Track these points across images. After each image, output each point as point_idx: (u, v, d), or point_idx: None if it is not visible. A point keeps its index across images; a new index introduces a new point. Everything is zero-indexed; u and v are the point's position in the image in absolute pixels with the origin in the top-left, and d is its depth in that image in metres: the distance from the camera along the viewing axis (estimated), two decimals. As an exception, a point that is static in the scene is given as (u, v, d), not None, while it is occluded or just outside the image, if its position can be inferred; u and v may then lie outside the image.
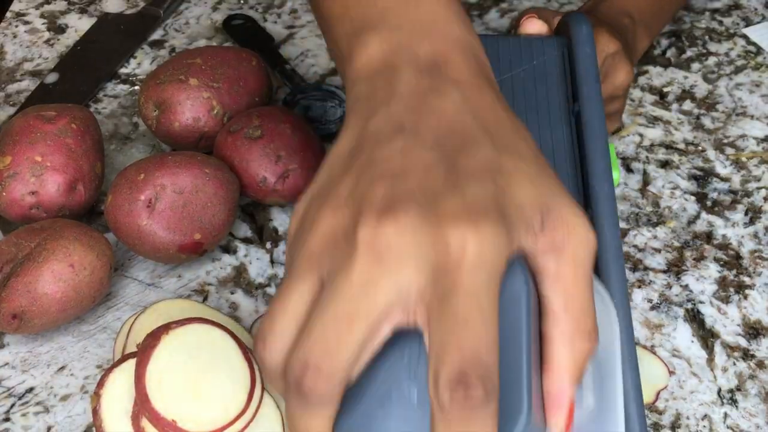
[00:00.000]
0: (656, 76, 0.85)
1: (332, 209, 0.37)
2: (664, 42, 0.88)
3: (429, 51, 0.42)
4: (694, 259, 0.69)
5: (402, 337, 0.36)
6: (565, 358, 0.37)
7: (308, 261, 0.36)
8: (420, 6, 0.44)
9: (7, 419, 0.59)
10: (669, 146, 0.78)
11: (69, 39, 0.89)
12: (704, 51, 0.87)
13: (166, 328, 0.55)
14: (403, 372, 0.36)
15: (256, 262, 0.69)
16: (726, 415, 0.60)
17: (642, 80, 0.84)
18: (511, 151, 0.39)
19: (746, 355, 0.63)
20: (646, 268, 0.69)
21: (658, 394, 0.61)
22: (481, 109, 0.40)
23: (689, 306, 0.66)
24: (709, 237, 0.71)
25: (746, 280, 0.68)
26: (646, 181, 0.75)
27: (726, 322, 0.65)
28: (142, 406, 0.53)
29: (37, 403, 0.60)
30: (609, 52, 0.69)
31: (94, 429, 0.55)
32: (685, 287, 0.67)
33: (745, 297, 0.67)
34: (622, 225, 0.72)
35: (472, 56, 0.43)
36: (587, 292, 0.37)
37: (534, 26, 0.60)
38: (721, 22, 0.91)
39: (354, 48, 0.44)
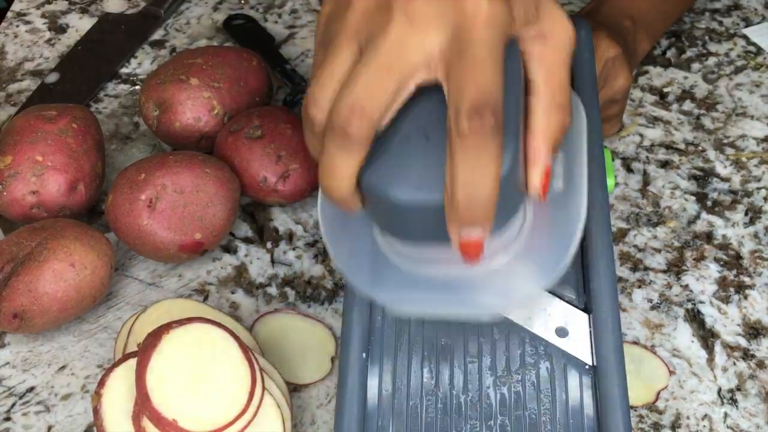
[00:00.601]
0: (656, 76, 0.85)
1: None
2: (664, 42, 0.88)
3: None
4: (694, 259, 0.69)
5: (416, 100, 0.42)
6: (543, 123, 0.43)
7: (348, 32, 0.42)
8: None
9: (8, 419, 0.60)
10: (669, 146, 0.78)
11: (70, 39, 0.89)
12: (704, 51, 0.88)
13: (166, 328, 0.55)
14: (418, 122, 0.42)
15: (257, 262, 0.69)
16: (726, 415, 0.60)
17: (642, 80, 0.84)
18: None
19: (746, 355, 0.63)
20: (646, 268, 0.69)
21: (658, 394, 0.61)
22: None
23: (689, 306, 0.66)
24: (709, 237, 0.71)
25: (746, 280, 0.68)
26: (646, 181, 0.75)
27: (726, 322, 0.65)
28: (142, 405, 0.53)
29: (38, 403, 0.60)
30: (609, 56, 0.69)
31: (94, 428, 0.55)
32: (685, 287, 0.67)
33: (745, 297, 0.67)
34: (623, 225, 0.72)
35: None
36: (564, 73, 0.44)
37: None
38: (721, 23, 0.91)
39: None
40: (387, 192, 0.41)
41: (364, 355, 0.50)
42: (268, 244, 0.70)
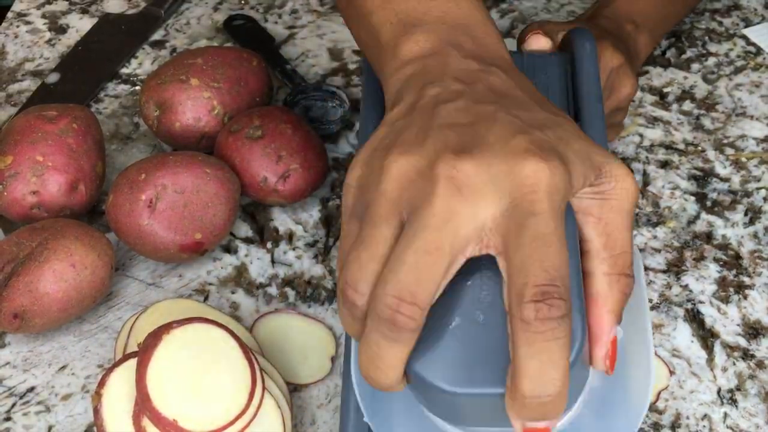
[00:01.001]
0: (656, 76, 0.85)
1: (402, 154, 0.39)
2: (664, 42, 0.88)
3: (471, 44, 0.47)
4: (694, 259, 0.69)
5: (464, 272, 0.38)
6: (606, 293, 0.40)
7: (386, 204, 0.39)
8: (459, 6, 0.49)
9: (8, 419, 0.60)
10: (669, 146, 0.78)
11: (70, 39, 0.89)
12: (704, 51, 0.88)
13: (167, 328, 0.55)
14: (468, 299, 0.39)
15: (257, 262, 0.69)
16: (726, 415, 0.60)
17: (642, 80, 0.84)
18: (558, 115, 0.43)
19: (746, 355, 0.64)
20: (646, 268, 0.69)
21: (658, 394, 0.61)
22: (524, 86, 0.45)
23: (689, 306, 0.66)
24: (709, 237, 0.71)
25: (746, 280, 0.68)
26: (646, 181, 0.75)
27: (726, 322, 0.65)
28: (143, 405, 0.53)
29: (39, 403, 0.60)
30: (613, 66, 0.69)
31: (95, 428, 0.55)
32: (685, 287, 0.67)
33: (745, 297, 0.67)
34: (622, 225, 0.72)
35: (506, 52, 0.48)
36: (627, 236, 0.40)
37: (538, 42, 0.61)
38: (720, 23, 0.91)
39: (400, 37, 0.47)
40: (438, 383, 0.38)
41: None
42: (268, 244, 0.70)
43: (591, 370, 0.41)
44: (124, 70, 0.86)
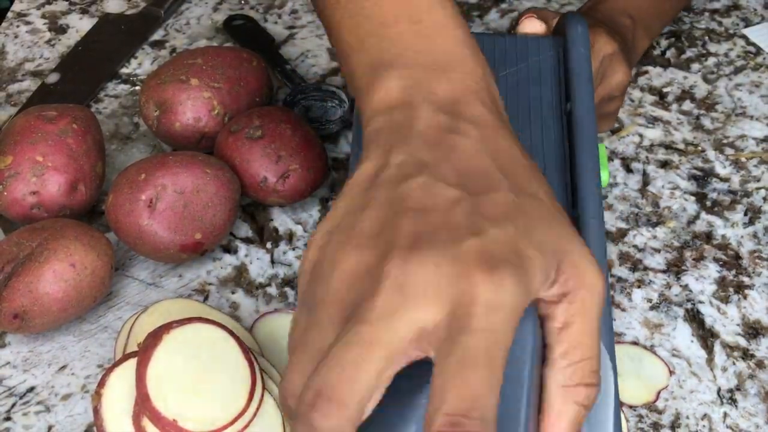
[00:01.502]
0: (656, 76, 0.85)
1: (355, 247, 0.37)
2: (664, 42, 0.88)
3: (447, 89, 0.43)
4: (693, 259, 0.69)
5: (406, 376, 0.35)
6: (563, 408, 0.37)
7: (334, 305, 0.36)
8: (437, 44, 0.45)
9: (8, 418, 0.60)
10: (669, 146, 0.78)
11: (70, 39, 0.89)
12: (704, 51, 0.88)
13: (167, 328, 0.55)
14: (405, 404, 0.36)
15: (257, 262, 0.69)
16: (726, 415, 0.60)
17: (642, 80, 0.84)
18: (528, 193, 0.39)
19: (746, 355, 0.64)
20: (645, 268, 0.69)
21: (658, 394, 0.61)
22: (498, 151, 0.41)
23: (689, 306, 0.66)
24: (708, 237, 0.71)
25: (746, 280, 0.68)
26: (645, 181, 0.75)
27: (726, 322, 0.65)
28: (142, 405, 0.53)
29: (38, 403, 0.61)
30: (606, 53, 0.69)
31: (95, 428, 0.56)
32: (685, 287, 0.67)
33: (745, 297, 0.67)
34: (622, 225, 0.72)
35: (488, 95, 0.44)
36: (592, 342, 0.37)
37: (532, 26, 0.61)
38: (720, 23, 0.91)
39: (372, 82, 0.44)
40: None
41: None
42: (268, 245, 0.70)
43: None
44: (124, 70, 0.86)
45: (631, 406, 0.61)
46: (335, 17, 0.48)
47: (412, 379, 0.35)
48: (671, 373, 0.62)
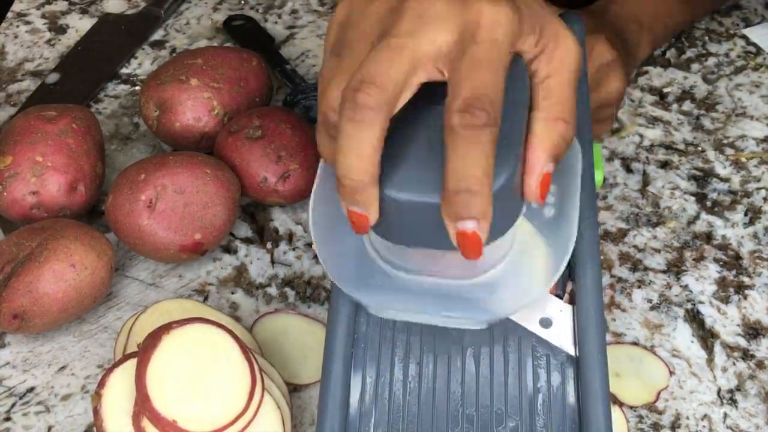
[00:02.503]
0: (656, 76, 0.85)
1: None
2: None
3: None
4: (693, 260, 0.69)
5: (421, 100, 0.43)
6: (542, 133, 0.43)
7: (362, 35, 0.43)
8: None
9: (8, 419, 0.60)
10: (669, 147, 0.78)
11: (70, 39, 0.89)
12: (704, 51, 0.88)
13: (166, 328, 0.55)
14: (421, 123, 0.43)
15: (257, 262, 0.69)
16: (726, 415, 0.60)
17: (642, 80, 0.84)
18: None
19: (746, 355, 0.64)
20: (646, 268, 0.69)
21: (658, 394, 0.61)
22: None
23: (689, 306, 0.66)
24: (708, 237, 0.71)
25: (746, 280, 0.68)
26: (646, 181, 0.75)
27: (726, 322, 0.65)
28: (142, 405, 0.53)
29: (38, 403, 0.60)
30: (604, 60, 0.69)
31: (94, 429, 0.56)
32: (685, 287, 0.67)
33: (745, 297, 0.67)
34: (622, 225, 0.72)
35: None
36: (567, 92, 0.44)
37: None
38: (720, 23, 0.91)
39: None
40: (385, 191, 0.41)
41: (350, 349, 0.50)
42: (268, 245, 0.70)
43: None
44: (124, 70, 0.86)
45: (631, 407, 0.61)
46: None
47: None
48: (671, 373, 0.62)
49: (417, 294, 0.46)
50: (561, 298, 0.51)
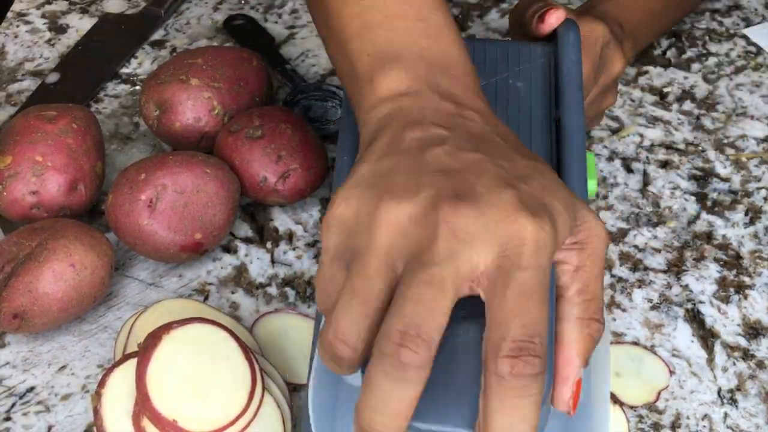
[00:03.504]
0: (656, 76, 0.85)
1: (398, 203, 0.39)
2: (664, 42, 0.88)
3: (448, 84, 0.46)
4: (694, 259, 0.69)
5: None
6: (576, 336, 0.40)
7: (382, 257, 0.38)
8: (439, 43, 0.48)
9: (8, 418, 0.60)
10: (669, 146, 0.78)
11: (70, 39, 0.89)
12: (704, 51, 0.88)
13: (167, 328, 0.55)
14: (445, 336, 0.38)
15: (257, 262, 0.69)
16: (726, 415, 0.60)
17: (642, 80, 0.84)
18: (537, 161, 0.44)
19: (746, 355, 0.63)
20: (646, 268, 0.69)
21: (658, 394, 0.61)
22: (500, 131, 0.45)
23: (689, 306, 0.66)
24: (709, 237, 0.71)
25: (746, 280, 0.68)
26: (646, 181, 0.75)
27: (726, 322, 0.65)
28: (142, 405, 0.53)
29: (38, 403, 0.60)
30: (606, 40, 0.69)
31: (94, 428, 0.55)
32: (685, 287, 0.67)
33: (745, 297, 0.67)
34: (623, 225, 0.72)
35: (481, 93, 0.48)
36: (599, 284, 0.41)
37: (558, 16, 0.61)
38: (721, 23, 0.91)
39: (377, 72, 0.47)
40: (413, 422, 0.37)
41: None
42: (268, 244, 0.70)
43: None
44: (124, 70, 0.86)
45: (631, 407, 0.60)
46: (334, 3, 0.51)
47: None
48: (671, 373, 0.62)
49: None
50: None
